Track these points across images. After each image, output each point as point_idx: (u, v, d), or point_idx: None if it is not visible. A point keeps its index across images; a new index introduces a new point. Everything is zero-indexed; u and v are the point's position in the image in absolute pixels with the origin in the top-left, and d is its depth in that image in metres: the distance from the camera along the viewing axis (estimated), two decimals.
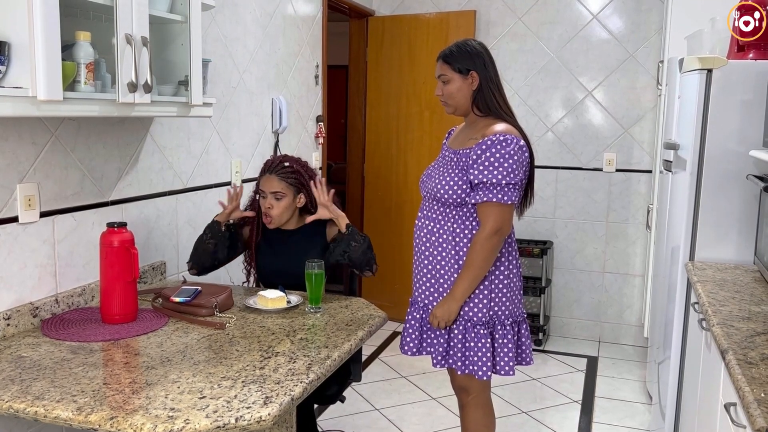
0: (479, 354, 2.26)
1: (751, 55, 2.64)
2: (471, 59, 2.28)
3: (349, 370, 2.55)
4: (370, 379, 3.88)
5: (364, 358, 4.11)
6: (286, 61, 3.63)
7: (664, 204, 3.44)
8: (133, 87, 1.93)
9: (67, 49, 1.82)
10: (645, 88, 4.41)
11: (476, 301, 2.26)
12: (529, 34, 4.61)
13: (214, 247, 2.48)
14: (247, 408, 1.49)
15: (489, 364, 2.26)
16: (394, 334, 4.66)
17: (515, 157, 2.16)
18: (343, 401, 2.67)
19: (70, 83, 1.81)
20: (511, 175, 2.15)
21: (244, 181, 3.24)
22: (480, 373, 2.26)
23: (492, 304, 2.27)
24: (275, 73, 3.52)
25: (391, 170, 4.87)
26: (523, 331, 2.39)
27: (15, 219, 1.98)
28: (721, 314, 2.01)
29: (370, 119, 4.95)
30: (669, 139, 3.18)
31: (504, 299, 2.30)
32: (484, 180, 2.16)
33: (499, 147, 2.15)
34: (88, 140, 2.25)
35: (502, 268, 2.29)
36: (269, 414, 1.47)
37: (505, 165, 2.14)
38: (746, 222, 2.64)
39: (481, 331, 2.26)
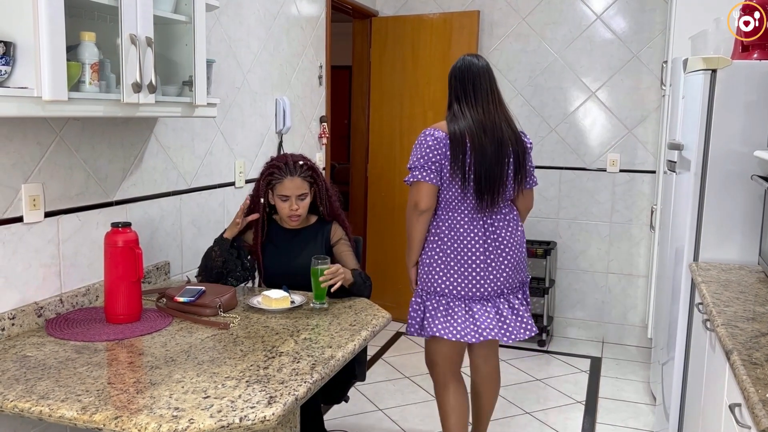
0: (411, 314, 2.65)
1: (755, 56, 2.64)
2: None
3: (353, 370, 2.56)
4: (373, 380, 3.88)
5: (368, 358, 4.11)
6: (289, 61, 3.64)
7: (668, 204, 3.43)
8: (137, 87, 1.94)
9: (72, 49, 1.83)
10: (649, 89, 4.41)
11: (418, 269, 2.65)
12: (532, 34, 4.60)
13: (222, 263, 2.48)
14: (252, 408, 1.49)
15: (412, 323, 2.65)
16: (398, 335, 4.66)
17: (423, 146, 2.53)
18: (347, 401, 2.68)
19: (74, 83, 1.81)
20: (420, 161, 2.53)
21: (248, 181, 3.24)
22: (407, 328, 2.68)
23: (427, 276, 2.59)
24: (279, 73, 3.53)
25: (394, 171, 4.86)
26: (497, 307, 2.58)
27: (20, 219, 1.99)
28: (725, 315, 2.01)
29: (373, 120, 4.96)
30: (673, 140, 3.17)
31: (433, 274, 2.56)
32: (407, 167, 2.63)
33: (417, 141, 2.57)
34: (93, 140, 2.25)
35: (434, 246, 2.57)
36: (273, 414, 1.48)
37: (415, 152, 2.56)
38: (751, 222, 2.63)
39: (415, 298, 2.66)
